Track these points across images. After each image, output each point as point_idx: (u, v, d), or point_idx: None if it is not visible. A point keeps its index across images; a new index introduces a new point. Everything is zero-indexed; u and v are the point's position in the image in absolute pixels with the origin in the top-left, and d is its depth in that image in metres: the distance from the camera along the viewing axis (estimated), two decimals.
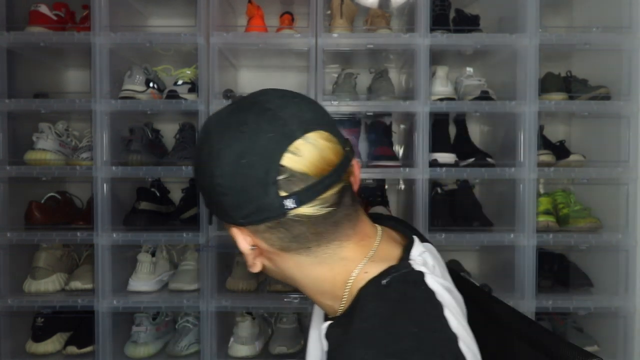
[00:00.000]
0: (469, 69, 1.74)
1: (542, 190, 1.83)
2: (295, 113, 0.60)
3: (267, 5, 1.73)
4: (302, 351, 1.64)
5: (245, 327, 1.61)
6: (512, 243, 1.57)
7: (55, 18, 1.65)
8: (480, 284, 1.74)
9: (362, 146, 1.83)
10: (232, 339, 1.63)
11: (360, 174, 0.71)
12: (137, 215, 1.67)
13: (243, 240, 0.65)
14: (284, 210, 0.59)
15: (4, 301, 1.57)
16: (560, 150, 1.71)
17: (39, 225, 1.63)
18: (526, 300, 1.54)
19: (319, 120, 0.62)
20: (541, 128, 1.74)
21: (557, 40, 1.57)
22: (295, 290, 1.64)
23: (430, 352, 0.52)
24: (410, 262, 0.64)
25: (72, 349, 1.61)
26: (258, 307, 1.59)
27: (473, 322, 0.76)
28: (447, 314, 0.57)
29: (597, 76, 1.69)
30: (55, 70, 1.93)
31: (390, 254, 0.66)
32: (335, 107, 1.60)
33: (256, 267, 0.68)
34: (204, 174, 0.62)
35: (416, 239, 0.70)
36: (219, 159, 0.59)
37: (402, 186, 1.90)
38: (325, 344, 0.61)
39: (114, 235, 1.57)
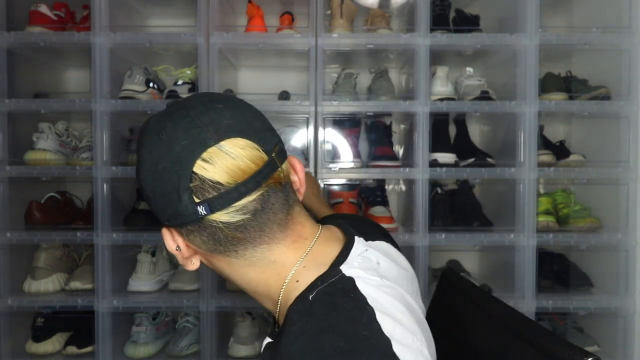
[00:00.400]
0: (469, 69, 1.74)
1: (542, 190, 1.83)
2: (213, 120, 0.60)
3: (267, 5, 1.73)
4: None
5: (245, 327, 1.61)
6: (512, 243, 1.57)
7: (55, 18, 1.65)
8: (480, 284, 1.73)
9: (362, 146, 1.83)
10: (232, 339, 1.63)
11: (304, 174, 0.71)
12: (137, 215, 1.67)
13: (170, 239, 0.65)
14: (198, 217, 0.59)
15: (4, 301, 1.57)
16: (560, 150, 1.71)
17: (39, 225, 1.63)
18: (526, 300, 1.54)
19: (241, 127, 0.61)
20: (541, 128, 1.74)
21: (557, 40, 1.57)
22: None
23: None
24: (343, 266, 0.63)
25: (72, 349, 1.61)
26: (258, 307, 1.58)
27: (472, 321, 0.76)
28: (380, 317, 0.56)
29: (597, 76, 1.69)
30: (55, 70, 1.93)
31: (325, 256, 0.65)
32: (335, 107, 1.60)
33: (191, 265, 0.68)
34: (136, 175, 0.64)
35: (358, 239, 0.69)
36: (141, 164, 0.62)
37: (402, 186, 1.90)
38: None
39: (114, 235, 1.57)
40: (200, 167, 0.58)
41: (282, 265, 0.64)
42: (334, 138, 1.77)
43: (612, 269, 1.61)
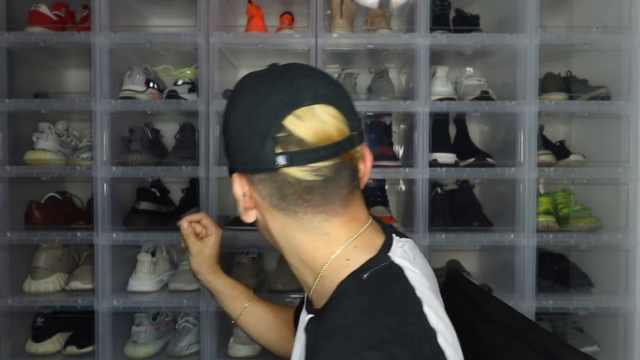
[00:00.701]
0: (469, 69, 1.74)
1: (542, 190, 1.83)
2: (311, 85, 0.65)
3: (267, 5, 1.73)
4: None
5: None
6: (512, 243, 1.57)
7: (55, 18, 1.65)
8: (480, 284, 1.73)
9: None
10: (232, 339, 1.63)
11: (371, 166, 0.74)
12: (137, 215, 1.67)
13: (238, 185, 0.69)
14: (275, 166, 0.63)
15: (4, 301, 1.57)
16: (560, 150, 1.71)
17: (39, 225, 1.63)
18: (526, 300, 1.54)
19: (333, 98, 0.65)
20: (541, 128, 1.74)
21: (557, 40, 1.57)
22: (296, 290, 1.64)
23: (409, 345, 0.53)
24: (390, 254, 0.66)
25: (72, 349, 1.61)
26: None
27: (472, 322, 0.76)
28: (427, 309, 0.59)
29: (597, 76, 1.69)
30: (55, 70, 1.93)
31: (372, 243, 0.68)
32: None
33: (248, 217, 0.71)
34: (225, 117, 0.69)
35: (394, 236, 0.72)
36: (235, 107, 0.67)
37: (402, 186, 1.90)
38: (303, 337, 0.63)
39: (114, 235, 1.57)
40: (291, 122, 0.62)
41: (334, 240, 0.66)
42: None
43: (612, 269, 1.61)
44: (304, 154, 0.62)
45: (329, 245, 0.66)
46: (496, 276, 1.77)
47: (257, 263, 1.79)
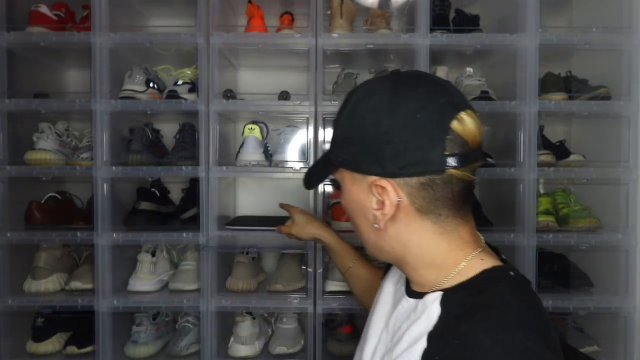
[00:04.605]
0: (469, 69, 1.74)
1: (542, 190, 1.83)
2: (456, 91, 0.69)
3: (267, 5, 1.73)
4: (303, 351, 1.64)
5: (245, 327, 1.61)
6: (512, 243, 1.57)
7: (55, 18, 1.65)
8: None
9: None
10: (232, 339, 1.63)
11: None
12: (137, 215, 1.67)
13: (393, 192, 0.67)
14: (444, 167, 0.65)
15: (4, 301, 1.57)
16: (560, 150, 1.71)
17: (39, 225, 1.63)
18: None
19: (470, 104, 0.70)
20: (541, 128, 1.74)
21: (557, 40, 1.57)
22: (296, 290, 1.63)
23: (552, 343, 0.60)
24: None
25: (72, 349, 1.61)
26: (258, 307, 1.59)
27: None
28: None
29: (597, 76, 1.69)
30: (55, 70, 1.93)
31: (492, 254, 0.74)
32: (335, 107, 1.60)
33: (385, 227, 0.71)
34: (365, 121, 0.68)
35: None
36: (394, 110, 0.66)
37: None
38: (437, 310, 0.66)
39: (114, 235, 1.57)
40: (455, 125, 0.65)
41: (467, 244, 0.71)
42: None
43: (612, 269, 1.61)
44: (468, 156, 0.66)
45: (463, 248, 0.70)
46: None
47: (257, 263, 1.79)
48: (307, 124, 1.61)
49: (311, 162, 1.60)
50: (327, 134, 1.69)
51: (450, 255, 0.70)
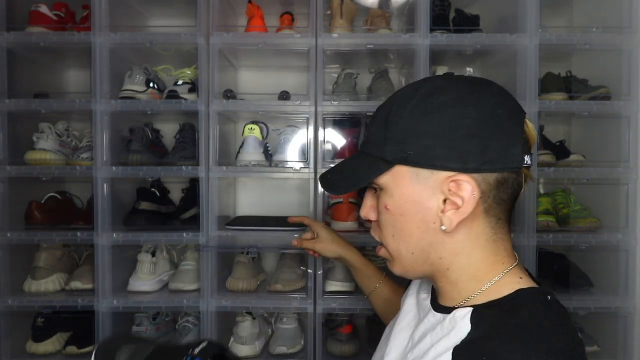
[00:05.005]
0: (469, 69, 1.75)
1: (542, 190, 1.83)
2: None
3: (267, 5, 1.73)
4: (303, 351, 1.64)
5: (245, 327, 1.61)
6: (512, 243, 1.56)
7: (55, 18, 1.65)
8: None
9: None
10: (232, 339, 1.63)
11: None
12: (137, 215, 1.67)
13: (476, 186, 0.64)
14: (521, 164, 0.65)
15: (4, 301, 1.57)
16: (560, 150, 1.71)
17: (39, 225, 1.63)
18: None
19: None
20: (541, 128, 1.74)
21: (557, 40, 1.57)
22: (296, 290, 1.63)
23: None
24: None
25: (72, 349, 1.61)
26: (258, 307, 1.59)
27: None
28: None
29: (597, 76, 1.69)
30: (55, 70, 1.93)
31: (527, 272, 0.72)
32: (335, 107, 1.60)
33: (451, 226, 0.65)
34: (444, 114, 0.64)
35: None
36: (477, 104, 0.64)
37: None
38: (465, 326, 0.63)
39: (114, 235, 1.57)
40: (527, 125, 0.67)
41: (508, 258, 0.69)
42: (334, 138, 1.77)
43: (612, 269, 1.61)
44: (532, 156, 0.67)
45: (504, 262, 0.68)
46: None
47: (257, 263, 1.79)
48: (307, 124, 1.61)
49: (311, 162, 1.60)
50: (327, 134, 1.69)
51: (493, 267, 0.67)
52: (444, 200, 0.65)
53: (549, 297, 0.64)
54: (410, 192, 0.66)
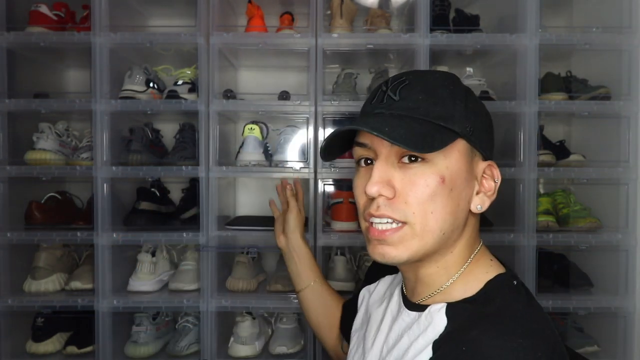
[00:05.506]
0: (469, 69, 1.74)
1: (542, 190, 1.83)
2: None
3: (267, 5, 1.73)
4: (302, 351, 1.64)
5: (245, 327, 1.61)
6: (512, 243, 1.57)
7: (55, 18, 1.65)
8: None
9: None
10: (232, 339, 1.63)
11: None
12: (137, 215, 1.67)
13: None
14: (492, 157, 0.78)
15: (4, 301, 1.57)
16: (560, 150, 1.71)
17: (39, 225, 1.63)
18: None
19: None
20: (541, 128, 1.73)
21: (557, 40, 1.57)
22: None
23: (560, 353, 0.62)
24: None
25: (72, 349, 1.61)
26: (258, 307, 1.59)
27: None
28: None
29: (597, 76, 1.69)
30: (55, 70, 1.93)
31: (489, 253, 0.79)
32: (335, 107, 1.60)
33: (487, 205, 0.76)
34: (483, 110, 0.76)
35: None
36: (482, 106, 0.77)
37: None
38: (443, 321, 0.66)
39: (114, 235, 1.57)
40: None
41: (476, 239, 0.77)
42: None
43: (612, 269, 1.61)
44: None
45: (474, 244, 0.76)
46: None
47: (257, 263, 1.79)
48: (307, 124, 1.61)
49: (311, 162, 1.60)
50: (327, 134, 1.68)
51: (467, 246, 0.74)
52: (478, 182, 0.73)
53: (514, 282, 0.70)
54: (463, 169, 0.71)
